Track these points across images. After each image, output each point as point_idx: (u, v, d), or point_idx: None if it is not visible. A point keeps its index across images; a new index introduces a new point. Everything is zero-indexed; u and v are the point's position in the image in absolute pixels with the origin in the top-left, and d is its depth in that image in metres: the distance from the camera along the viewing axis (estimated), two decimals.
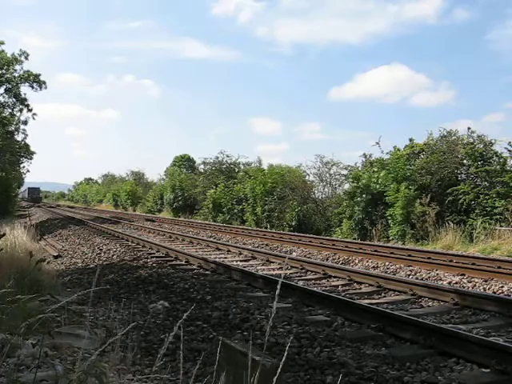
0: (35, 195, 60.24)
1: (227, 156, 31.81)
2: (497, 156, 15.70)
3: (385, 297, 6.91)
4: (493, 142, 15.86)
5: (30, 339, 3.17)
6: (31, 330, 3.01)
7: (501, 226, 13.37)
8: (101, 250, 12.24)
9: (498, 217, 13.92)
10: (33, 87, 26.87)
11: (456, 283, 7.72)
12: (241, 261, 10.48)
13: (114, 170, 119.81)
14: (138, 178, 51.93)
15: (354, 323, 5.24)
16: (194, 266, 9.37)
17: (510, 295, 6.83)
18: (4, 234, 5.80)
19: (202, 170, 34.63)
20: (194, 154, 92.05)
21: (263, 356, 2.24)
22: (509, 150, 15.21)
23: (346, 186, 20.24)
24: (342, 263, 10.14)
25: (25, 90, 27.24)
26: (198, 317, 5.44)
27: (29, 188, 61.00)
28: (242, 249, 11.77)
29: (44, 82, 27.20)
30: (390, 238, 15.57)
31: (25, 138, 28.78)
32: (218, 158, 32.06)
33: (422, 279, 8.07)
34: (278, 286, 1.99)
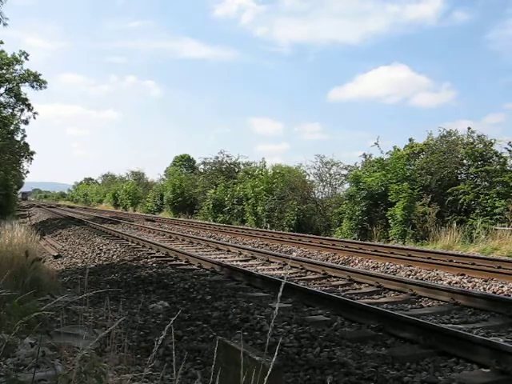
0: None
1: (227, 156, 31.86)
2: (497, 156, 15.70)
3: (385, 297, 6.90)
4: (493, 141, 15.88)
5: (28, 339, 3.16)
6: (30, 330, 3.01)
7: (501, 226, 13.36)
8: (101, 250, 12.24)
9: (498, 217, 13.92)
10: (33, 86, 26.83)
11: (456, 283, 7.72)
12: (241, 261, 10.48)
13: (114, 170, 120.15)
14: (138, 178, 51.89)
15: (353, 323, 5.24)
16: (194, 266, 9.37)
17: (510, 295, 6.83)
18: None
19: (202, 170, 34.64)
20: (194, 153, 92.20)
21: (263, 356, 2.24)
22: (509, 150, 15.23)
23: (346, 186, 20.26)
24: (342, 263, 10.14)
25: (25, 89, 27.23)
26: (198, 317, 5.43)
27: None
28: (242, 249, 11.77)
29: (44, 82, 27.15)
30: (390, 238, 15.56)
31: (23, 137, 28.75)
32: (217, 158, 32.11)
33: (421, 279, 8.07)
34: (282, 285, 2.00)
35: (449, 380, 3.63)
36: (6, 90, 26.57)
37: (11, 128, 27.41)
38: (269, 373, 1.88)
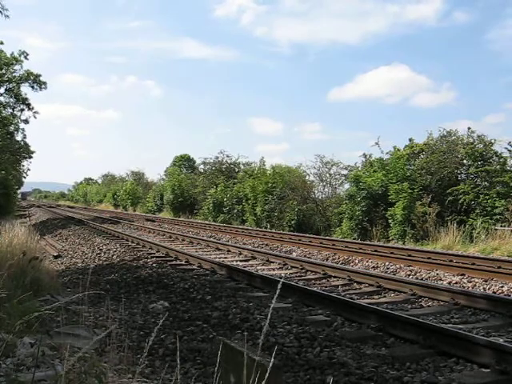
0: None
1: (227, 156, 31.87)
2: (497, 156, 15.70)
3: (385, 297, 6.91)
4: (493, 141, 15.88)
5: (28, 339, 3.16)
6: (30, 330, 3.01)
7: (501, 226, 13.36)
8: (101, 250, 12.24)
9: (498, 217, 13.92)
10: (33, 87, 26.83)
11: (456, 283, 7.72)
12: (241, 261, 10.48)
13: (114, 170, 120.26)
14: (138, 178, 51.87)
15: (353, 323, 5.24)
16: (194, 266, 9.37)
17: (510, 295, 6.83)
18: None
19: (202, 170, 34.63)
20: (194, 153, 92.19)
21: (263, 356, 2.24)
22: (509, 150, 15.22)
23: (346, 186, 20.27)
24: (342, 263, 10.14)
25: (25, 90, 27.23)
26: (198, 317, 5.43)
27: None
28: (242, 249, 11.77)
29: (44, 83, 27.14)
30: (390, 238, 15.56)
31: (24, 137, 28.77)
32: (217, 158, 32.12)
33: (422, 279, 8.07)
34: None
35: (449, 380, 3.63)
36: (5, 90, 26.56)
37: (11, 128, 27.40)
38: (269, 373, 1.89)
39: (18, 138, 28.63)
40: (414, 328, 4.60)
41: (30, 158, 31.50)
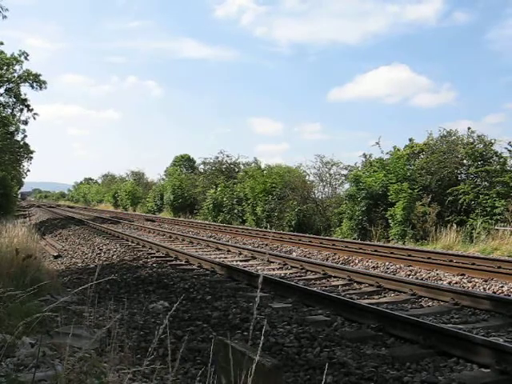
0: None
1: (227, 156, 31.89)
2: (497, 156, 15.71)
3: (385, 297, 6.90)
4: (493, 141, 15.89)
5: (28, 339, 3.16)
6: (30, 330, 3.01)
7: (501, 226, 13.37)
8: (101, 250, 12.24)
9: (498, 217, 13.92)
10: (33, 87, 26.83)
11: (456, 283, 7.72)
12: (241, 261, 10.48)
13: (114, 170, 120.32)
14: (138, 178, 51.86)
15: (353, 323, 5.23)
16: (194, 266, 9.37)
17: (510, 295, 6.83)
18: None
19: (202, 170, 34.64)
20: (194, 153, 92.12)
21: (263, 356, 2.24)
22: (509, 150, 15.23)
23: (346, 186, 20.28)
24: (342, 263, 10.14)
25: (25, 90, 27.24)
26: (198, 317, 5.43)
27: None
28: (242, 249, 11.77)
29: (44, 82, 27.14)
30: (390, 238, 15.56)
31: (24, 137, 28.80)
32: (217, 158, 32.15)
33: (422, 279, 8.07)
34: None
35: (449, 380, 3.63)
36: (5, 90, 26.57)
37: (12, 129, 27.41)
38: (269, 373, 1.89)
39: (18, 138, 28.64)
40: (413, 328, 4.60)
41: (30, 158, 31.54)
